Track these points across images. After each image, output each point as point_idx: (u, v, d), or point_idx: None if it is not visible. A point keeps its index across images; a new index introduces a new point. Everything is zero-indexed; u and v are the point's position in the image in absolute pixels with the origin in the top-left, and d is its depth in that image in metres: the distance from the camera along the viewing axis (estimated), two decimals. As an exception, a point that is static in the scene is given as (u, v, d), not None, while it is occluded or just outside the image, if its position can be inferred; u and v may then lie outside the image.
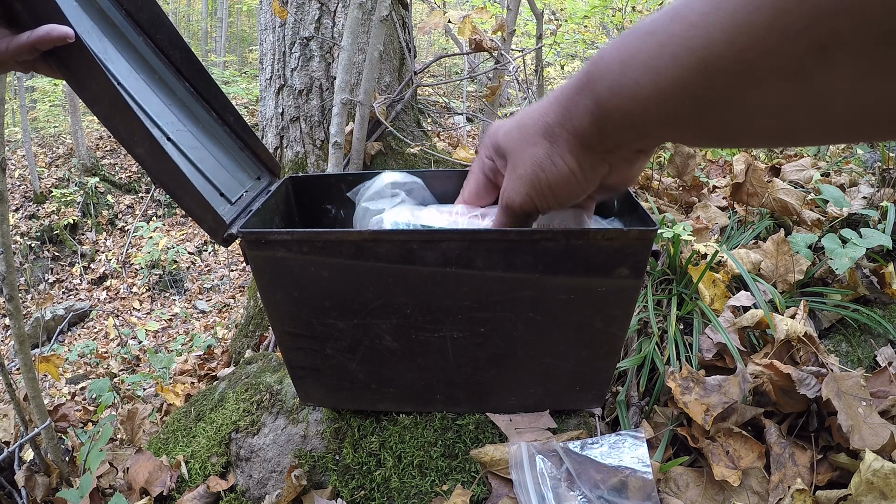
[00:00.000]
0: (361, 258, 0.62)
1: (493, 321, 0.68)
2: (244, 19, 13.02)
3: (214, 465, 0.90)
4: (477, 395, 0.80)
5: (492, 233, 0.59)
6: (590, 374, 0.75)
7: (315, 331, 0.70)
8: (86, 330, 4.80)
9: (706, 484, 0.78)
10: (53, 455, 1.10)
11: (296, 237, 0.61)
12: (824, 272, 1.13)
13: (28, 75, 9.07)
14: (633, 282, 0.64)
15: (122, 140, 0.57)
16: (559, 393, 0.78)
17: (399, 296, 0.65)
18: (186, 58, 0.72)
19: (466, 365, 0.74)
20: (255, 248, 0.63)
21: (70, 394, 2.55)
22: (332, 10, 1.79)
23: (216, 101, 0.75)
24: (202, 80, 0.74)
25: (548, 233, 0.59)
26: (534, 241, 0.60)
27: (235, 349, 1.90)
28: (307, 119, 1.82)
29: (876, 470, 0.69)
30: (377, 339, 0.70)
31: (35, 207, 6.28)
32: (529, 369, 0.74)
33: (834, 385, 0.80)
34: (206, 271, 5.82)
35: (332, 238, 0.61)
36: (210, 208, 0.61)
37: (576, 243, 0.60)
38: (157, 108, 0.67)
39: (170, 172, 0.58)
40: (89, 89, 0.54)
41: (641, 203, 0.68)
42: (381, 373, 0.76)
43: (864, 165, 1.92)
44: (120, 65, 0.65)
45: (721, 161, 1.99)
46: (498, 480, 0.78)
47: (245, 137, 0.78)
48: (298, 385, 0.81)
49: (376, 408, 0.85)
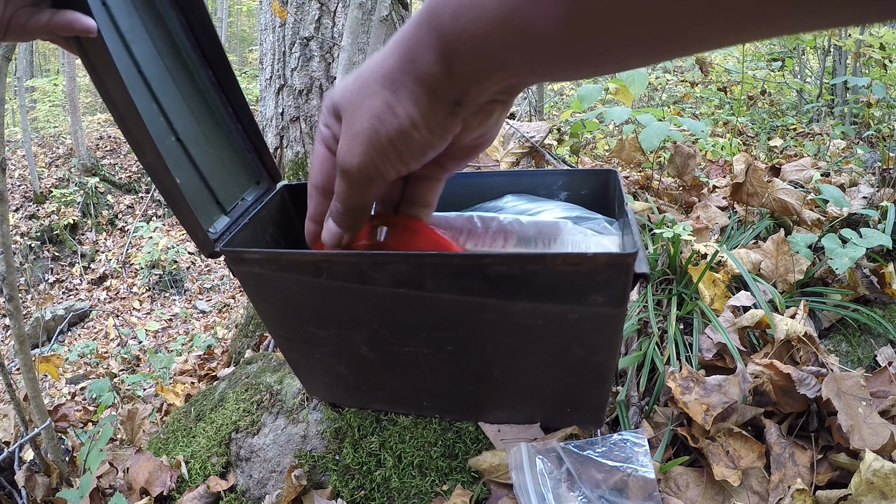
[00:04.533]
0: (322, 276, 0.62)
1: (457, 341, 0.65)
2: (244, 19, 13.02)
3: (214, 465, 0.90)
4: (463, 406, 0.79)
5: (435, 256, 0.55)
6: (580, 398, 0.72)
7: (302, 337, 0.72)
8: (86, 330, 4.80)
9: (706, 484, 0.78)
10: (53, 455, 1.10)
11: (262, 257, 0.63)
12: (824, 272, 1.13)
13: (28, 76, 9.06)
14: (611, 310, 0.57)
15: (132, 144, 0.58)
16: (550, 411, 0.77)
17: (363, 312, 0.66)
18: (214, 46, 0.71)
19: (444, 379, 0.72)
20: (236, 264, 0.65)
21: (70, 394, 2.55)
22: (332, 10, 1.79)
23: (235, 99, 0.74)
24: (225, 72, 0.73)
25: (497, 257, 0.55)
26: (482, 266, 0.55)
27: (235, 349, 1.90)
28: (307, 119, 1.82)
29: (876, 470, 0.69)
30: (355, 349, 0.71)
31: (35, 207, 6.28)
32: (511, 388, 0.72)
33: (834, 385, 0.80)
34: (206, 271, 5.82)
35: (293, 258, 0.62)
36: (200, 227, 0.64)
37: (532, 268, 0.54)
38: (173, 102, 0.67)
39: (169, 187, 0.60)
40: (106, 87, 0.55)
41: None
42: (367, 378, 0.77)
43: (864, 165, 1.92)
44: (145, 47, 0.64)
45: (721, 161, 1.99)
46: (497, 484, 0.78)
47: (255, 141, 0.78)
48: (302, 380, 0.84)
49: (372, 406, 0.86)
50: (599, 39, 0.28)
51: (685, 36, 0.26)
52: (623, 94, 1.72)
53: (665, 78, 5.27)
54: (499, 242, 0.65)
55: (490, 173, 0.78)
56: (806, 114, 4.74)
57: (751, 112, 4.80)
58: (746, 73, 4.00)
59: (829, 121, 4.29)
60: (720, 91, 4.56)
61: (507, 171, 0.86)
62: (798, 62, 5.31)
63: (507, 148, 1.64)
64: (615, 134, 4.33)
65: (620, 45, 0.28)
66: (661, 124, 1.49)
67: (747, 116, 4.64)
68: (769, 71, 4.55)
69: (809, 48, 5.11)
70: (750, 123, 4.55)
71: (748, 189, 1.37)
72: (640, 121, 1.56)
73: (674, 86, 5.74)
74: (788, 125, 4.43)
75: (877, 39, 3.49)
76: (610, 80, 1.85)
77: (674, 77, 5.68)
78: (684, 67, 6.01)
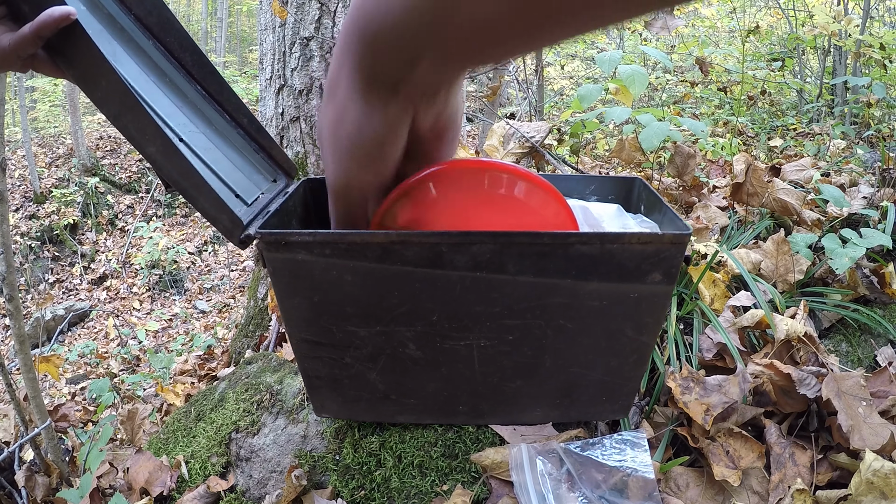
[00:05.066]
0: (387, 261, 0.59)
1: (522, 328, 0.66)
2: (244, 19, 13.03)
3: (214, 465, 0.90)
4: (502, 407, 0.77)
5: (525, 235, 0.57)
6: (618, 383, 0.73)
7: (334, 338, 0.67)
8: (86, 330, 4.80)
9: (706, 484, 0.78)
10: (53, 455, 1.10)
11: (318, 239, 0.58)
12: (824, 272, 1.13)
13: (28, 75, 9.07)
14: (665, 287, 0.62)
15: (132, 140, 0.54)
16: (585, 403, 0.77)
17: (426, 301, 0.63)
18: (198, 60, 0.71)
19: (492, 375, 0.71)
20: (274, 250, 0.60)
21: (70, 394, 2.56)
22: (332, 10, 1.79)
23: (229, 103, 0.73)
24: (214, 82, 0.72)
25: (582, 236, 0.58)
26: (567, 245, 0.58)
27: (235, 349, 1.90)
28: (307, 119, 1.82)
29: (876, 470, 0.69)
30: (400, 348, 0.68)
31: (35, 207, 6.28)
32: (557, 379, 0.72)
33: (834, 385, 0.80)
34: (206, 271, 5.83)
35: (358, 240, 0.58)
36: (226, 208, 0.59)
37: (610, 247, 0.58)
38: (168, 110, 0.66)
39: (183, 171, 0.56)
40: (98, 88, 0.52)
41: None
42: (402, 383, 0.73)
43: (864, 165, 1.92)
44: (130, 67, 0.64)
45: (721, 161, 1.99)
46: (498, 482, 0.78)
47: (259, 139, 0.76)
48: (314, 395, 0.78)
49: (395, 420, 0.82)
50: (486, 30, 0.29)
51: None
52: (623, 94, 1.72)
53: (665, 78, 5.26)
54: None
55: None
56: (806, 114, 4.73)
57: (751, 112, 4.80)
58: (746, 73, 4.00)
59: (829, 121, 4.29)
60: (720, 91, 4.56)
61: (543, 174, 0.87)
62: (798, 62, 5.30)
63: (507, 148, 1.64)
64: (615, 134, 4.33)
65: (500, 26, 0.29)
66: (661, 124, 1.49)
67: (747, 116, 4.64)
68: (769, 71, 4.55)
69: (809, 48, 5.10)
70: (750, 123, 4.55)
71: (748, 189, 1.37)
72: (640, 121, 1.56)
73: (674, 86, 5.74)
74: (788, 125, 4.43)
75: (877, 39, 3.49)
76: (610, 79, 1.85)
77: (674, 77, 5.68)
78: (684, 67, 6.01)
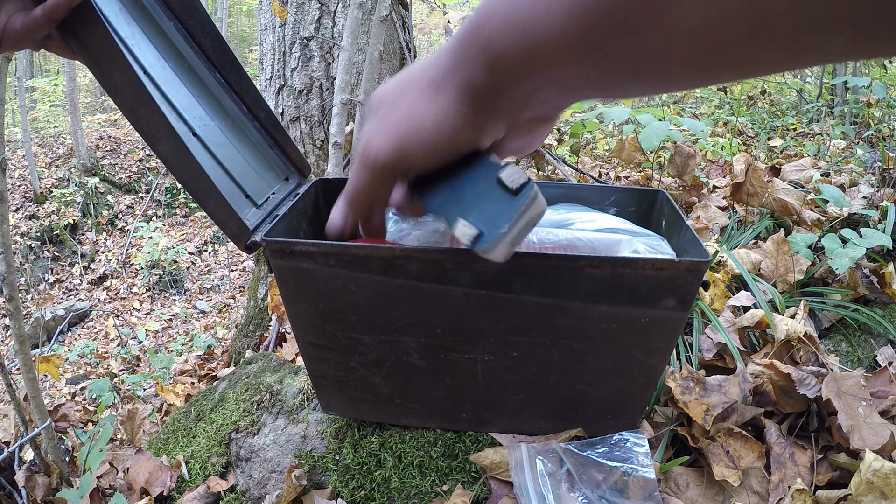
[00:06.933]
0: (391, 275, 0.58)
1: (527, 346, 0.64)
2: (244, 19, 13.02)
3: (214, 466, 0.90)
4: (505, 417, 0.76)
5: (532, 257, 0.55)
6: (625, 403, 0.72)
7: (340, 343, 0.67)
8: (86, 330, 4.80)
9: (706, 484, 0.78)
10: (53, 455, 1.10)
11: (322, 250, 0.57)
12: (824, 272, 1.13)
13: (28, 75, 9.06)
14: (678, 314, 0.60)
15: (144, 135, 0.53)
16: (590, 419, 0.76)
17: (429, 315, 0.62)
18: (219, 47, 0.68)
19: (496, 387, 0.70)
20: (280, 258, 0.59)
21: (70, 394, 2.56)
22: (332, 10, 1.79)
23: (248, 95, 0.71)
24: (234, 71, 0.70)
25: (593, 259, 0.56)
26: (577, 268, 0.56)
27: (235, 349, 1.90)
28: (307, 119, 1.82)
29: (876, 470, 0.69)
30: (404, 357, 0.67)
31: (35, 207, 6.28)
32: (561, 395, 0.71)
33: (834, 385, 0.80)
34: (206, 271, 5.83)
35: (361, 253, 0.57)
36: (234, 213, 0.58)
37: (622, 272, 0.56)
38: (184, 101, 0.64)
39: (193, 173, 0.55)
40: (112, 79, 0.51)
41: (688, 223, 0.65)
42: (406, 389, 0.73)
43: (864, 165, 1.92)
44: (148, 52, 0.62)
45: (721, 161, 1.99)
46: (498, 482, 0.78)
47: (275, 135, 0.74)
48: (320, 394, 0.78)
49: (399, 422, 0.82)
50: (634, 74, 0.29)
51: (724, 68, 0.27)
52: (623, 94, 1.71)
53: (665, 78, 5.25)
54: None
55: (549, 183, 0.79)
56: (806, 114, 4.73)
57: (751, 112, 4.80)
58: (746, 73, 3.98)
59: (829, 121, 4.29)
60: (720, 91, 4.56)
61: (565, 182, 0.86)
62: (798, 62, 5.29)
63: (507, 148, 1.64)
64: (615, 134, 4.33)
65: (665, 79, 0.29)
66: (661, 124, 1.49)
67: (747, 116, 4.64)
68: (769, 71, 4.53)
69: (809, 48, 5.09)
70: (750, 123, 4.55)
71: (748, 189, 1.37)
72: (640, 121, 1.56)
73: (674, 86, 5.73)
74: (788, 125, 4.43)
75: (877, 39, 3.48)
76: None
77: (674, 77, 5.66)
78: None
